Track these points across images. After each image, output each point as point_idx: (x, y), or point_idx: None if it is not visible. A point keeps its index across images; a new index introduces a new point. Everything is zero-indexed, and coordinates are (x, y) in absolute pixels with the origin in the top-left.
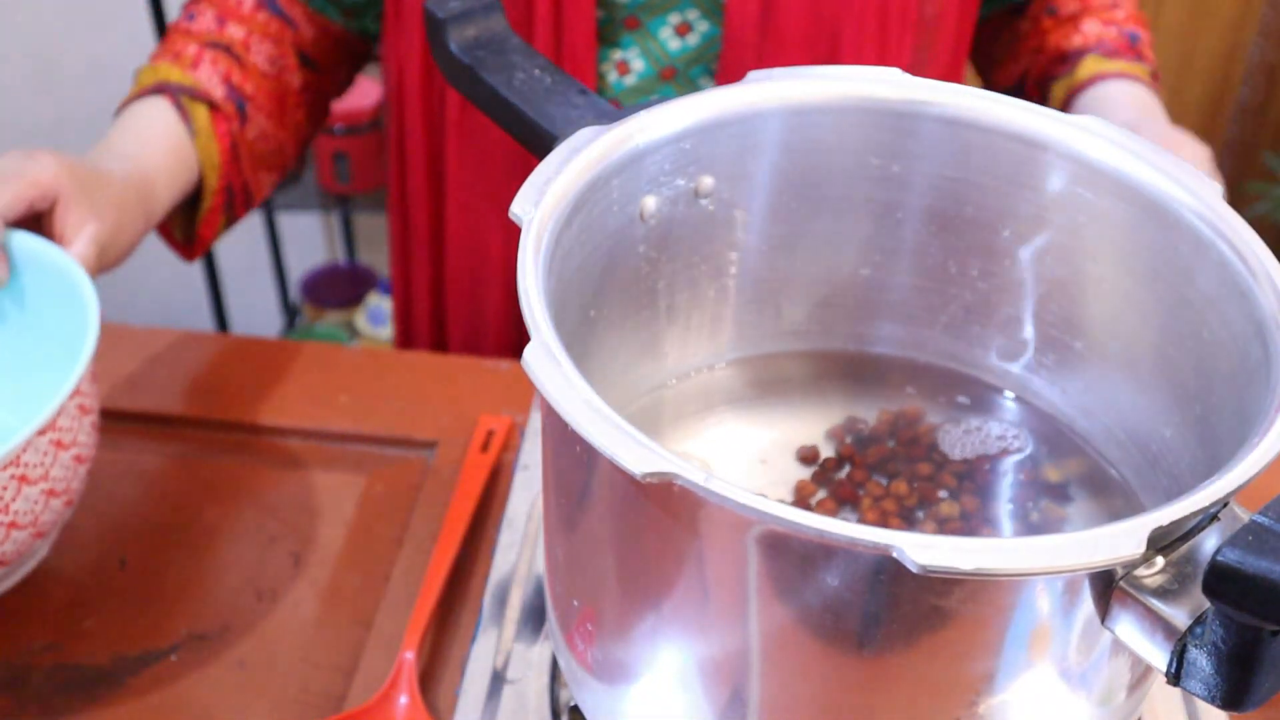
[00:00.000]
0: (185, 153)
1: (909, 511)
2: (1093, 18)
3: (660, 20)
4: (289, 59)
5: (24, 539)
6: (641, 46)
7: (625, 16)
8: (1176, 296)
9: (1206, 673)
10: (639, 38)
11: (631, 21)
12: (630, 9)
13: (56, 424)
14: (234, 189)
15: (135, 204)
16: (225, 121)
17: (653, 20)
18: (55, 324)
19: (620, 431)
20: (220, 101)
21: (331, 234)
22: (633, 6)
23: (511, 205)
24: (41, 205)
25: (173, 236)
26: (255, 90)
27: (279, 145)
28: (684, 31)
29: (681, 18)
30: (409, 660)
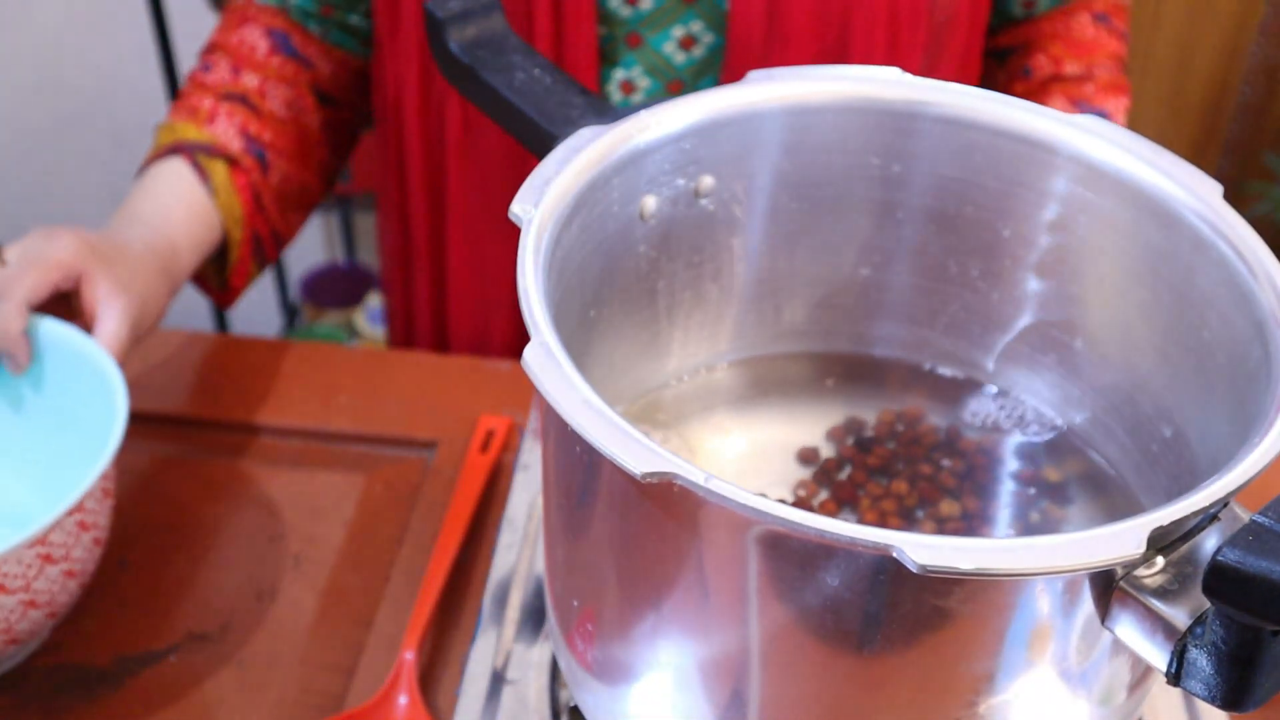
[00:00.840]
0: (206, 212)
1: (909, 511)
2: (1060, 92)
3: (664, 35)
4: (306, 100)
5: (39, 618)
6: (645, 64)
7: (627, 34)
8: (1176, 296)
9: (1206, 673)
10: (642, 55)
11: (634, 39)
12: (633, 25)
13: (84, 506)
14: (261, 236)
15: (158, 271)
16: (245, 174)
17: (656, 35)
18: (82, 409)
19: (620, 431)
20: (238, 155)
21: (331, 234)
22: (635, 22)
23: (511, 205)
24: (66, 286)
25: (208, 285)
26: (274, 137)
27: (303, 185)
28: (689, 45)
29: (685, 30)
30: (409, 660)
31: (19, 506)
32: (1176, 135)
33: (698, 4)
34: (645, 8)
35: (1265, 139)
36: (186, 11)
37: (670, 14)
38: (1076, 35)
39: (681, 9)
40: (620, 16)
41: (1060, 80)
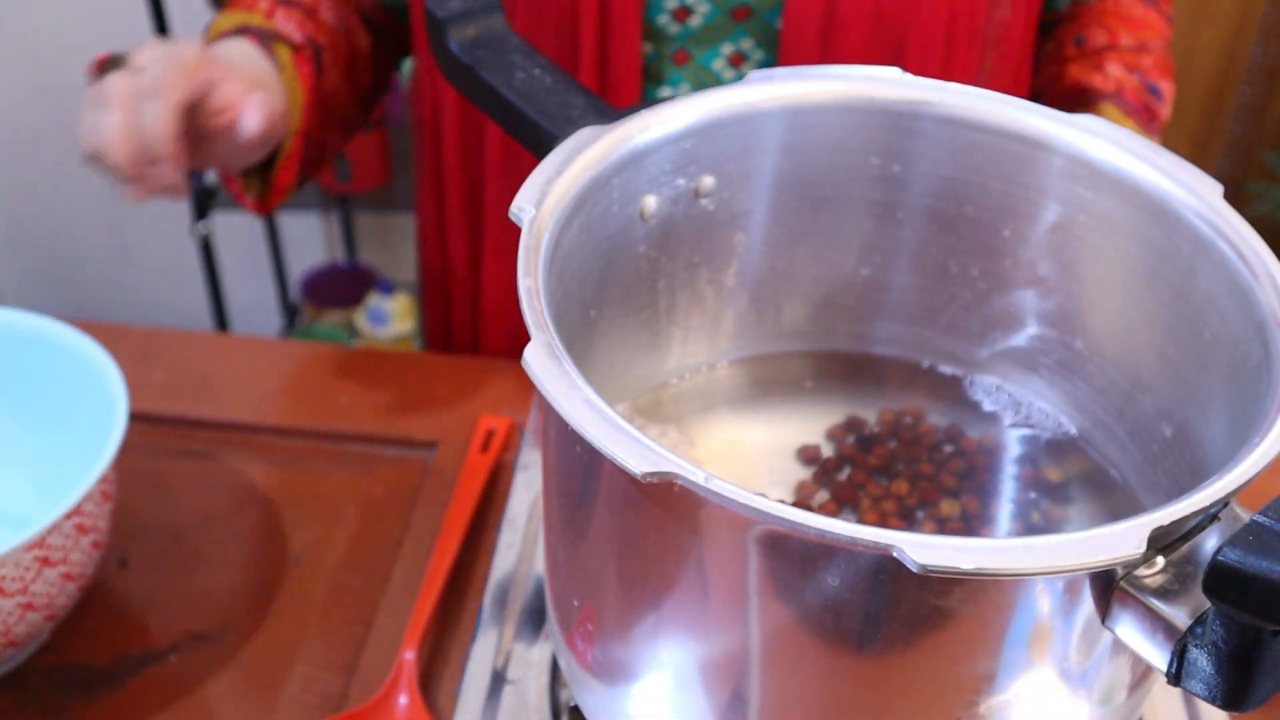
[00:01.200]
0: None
1: (909, 511)
2: (1117, 60)
3: (713, 51)
4: (354, 20)
5: (37, 621)
6: (693, 81)
7: (675, 51)
8: (1177, 296)
9: (1207, 673)
10: (689, 72)
11: (681, 56)
12: (681, 42)
13: (82, 509)
14: (312, 138)
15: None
16: (306, 64)
17: (704, 53)
18: (81, 410)
19: (620, 431)
20: (300, 45)
21: (331, 234)
22: (683, 39)
23: (511, 205)
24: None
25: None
26: (329, 42)
27: (346, 104)
28: (738, 62)
29: (735, 47)
30: (409, 660)
31: (19, 507)
32: (1177, 135)
33: (749, 21)
34: (695, 25)
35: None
36: (186, 12)
37: (720, 31)
38: (1126, 12)
39: (732, 26)
40: (668, 33)
41: (1116, 49)
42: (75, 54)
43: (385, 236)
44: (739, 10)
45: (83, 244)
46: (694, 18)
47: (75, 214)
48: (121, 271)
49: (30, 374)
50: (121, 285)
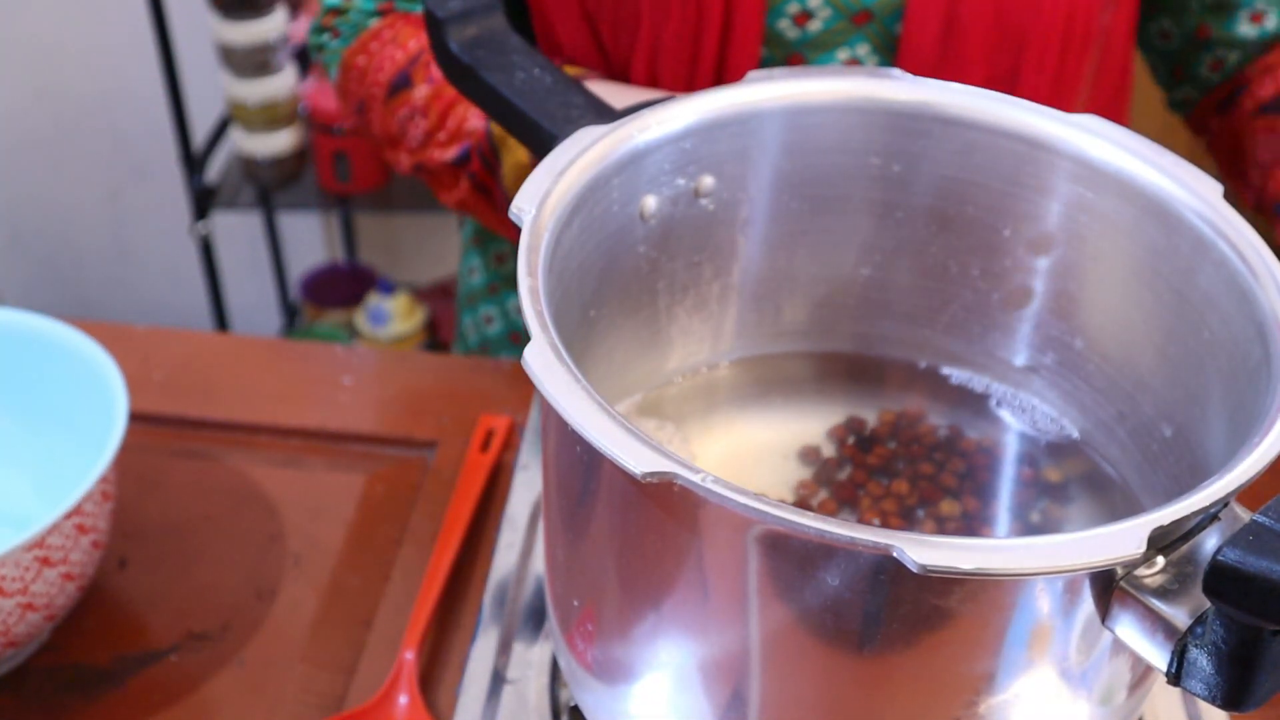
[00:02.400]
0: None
1: (909, 511)
2: None
3: (828, 57)
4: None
5: (37, 621)
6: None
7: (789, 55)
8: (1177, 296)
9: (1207, 672)
10: None
11: (795, 59)
12: (797, 46)
13: (82, 509)
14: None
15: None
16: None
17: (819, 57)
18: (81, 410)
19: (621, 431)
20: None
21: (331, 234)
22: (800, 44)
23: (511, 205)
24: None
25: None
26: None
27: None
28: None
29: (851, 53)
30: (409, 660)
31: (19, 507)
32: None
33: (867, 26)
34: (814, 30)
35: None
36: (186, 12)
37: (839, 36)
38: None
39: (851, 31)
40: (786, 38)
41: None
42: (76, 57)
43: (385, 236)
44: (859, 15)
45: (83, 244)
46: (814, 23)
47: (75, 214)
48: (121, 271)
49: (30, 374)
50: (121, 285)
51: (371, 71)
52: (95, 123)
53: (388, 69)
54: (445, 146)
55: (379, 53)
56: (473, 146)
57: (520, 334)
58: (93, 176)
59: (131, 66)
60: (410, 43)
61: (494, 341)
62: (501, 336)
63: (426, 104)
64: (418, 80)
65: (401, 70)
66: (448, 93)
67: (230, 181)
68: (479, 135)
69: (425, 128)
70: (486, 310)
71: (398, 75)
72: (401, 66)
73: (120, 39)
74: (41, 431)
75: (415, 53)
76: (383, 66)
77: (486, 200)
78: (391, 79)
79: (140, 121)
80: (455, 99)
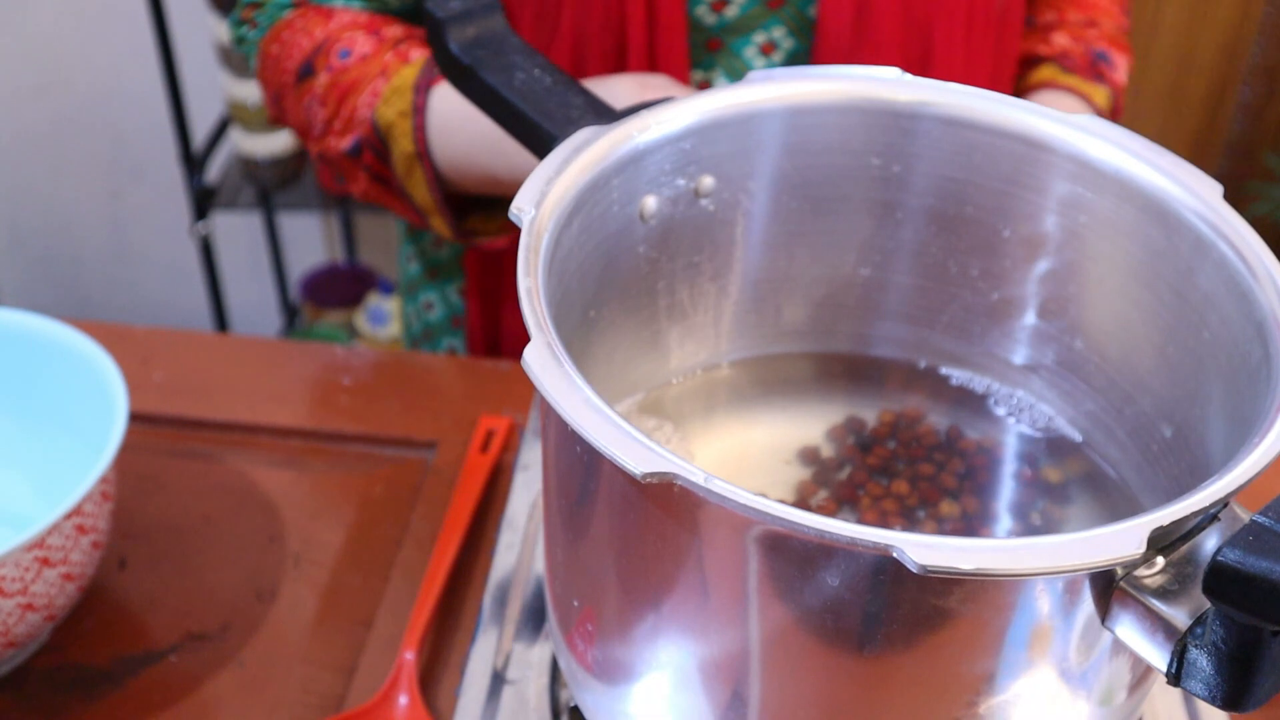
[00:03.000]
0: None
1: (909, 512)
2: (1064, 31)
3: (744, 40)
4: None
5: (37, 621)
6: (725, 66)
7: (708, 39)
8: (1176, 296)
9: (1207, 673)
10: (721, 58)
11: (714, 43)
12: (715, 30)
13: (82, 509)
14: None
15: None
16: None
17: (736, 40)
18: (81, 410)
19: (620, 431)
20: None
21: (331, 234)
22: (718, 28)
23: (511, 205)
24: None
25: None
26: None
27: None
28: (769, 50)
29: (767, 36)
30: (409, 660)
31: (18, 508)
32: (1176, 135)
33: (782, 10)
34: (731, 15)
35: (1265, 139)
36: (186, 11)
37: (756, 20)
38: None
39: (767, 15)
40: (705, 24)
41: (1064, 25)
42: (76, 57)
43: (385, 237)
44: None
45: (82, 244)
46: (730, 8)
47: (75, 214)
48: (121, 272)
49: (30, 374)
50: (121, 286)
51: (283, 60)
52: (95, 123)
53: (295, 57)
54: (340, 136)
55: (290, 41)
56: (362, 138)
57: (460, 318)
58: (93, 177)
59: (131, 66)
60: (316, 30)
61: (436, 327)
62: (443, 322)
63: (325, 92)
64: (319, 68)
65: (307, 58)
66: (343, 80)
67: (230, 182)
68: (366, 126)
69: (324, 116)
70: (426, 296)
71: (303, 63)
72: (307, 54)
73: (120, 39)
74: (41, 432)
75: (320, 40)
76: (291, 54)
77: (386, 190)
78: (298, 66)
79: (140, 121)
80: (350, 87)
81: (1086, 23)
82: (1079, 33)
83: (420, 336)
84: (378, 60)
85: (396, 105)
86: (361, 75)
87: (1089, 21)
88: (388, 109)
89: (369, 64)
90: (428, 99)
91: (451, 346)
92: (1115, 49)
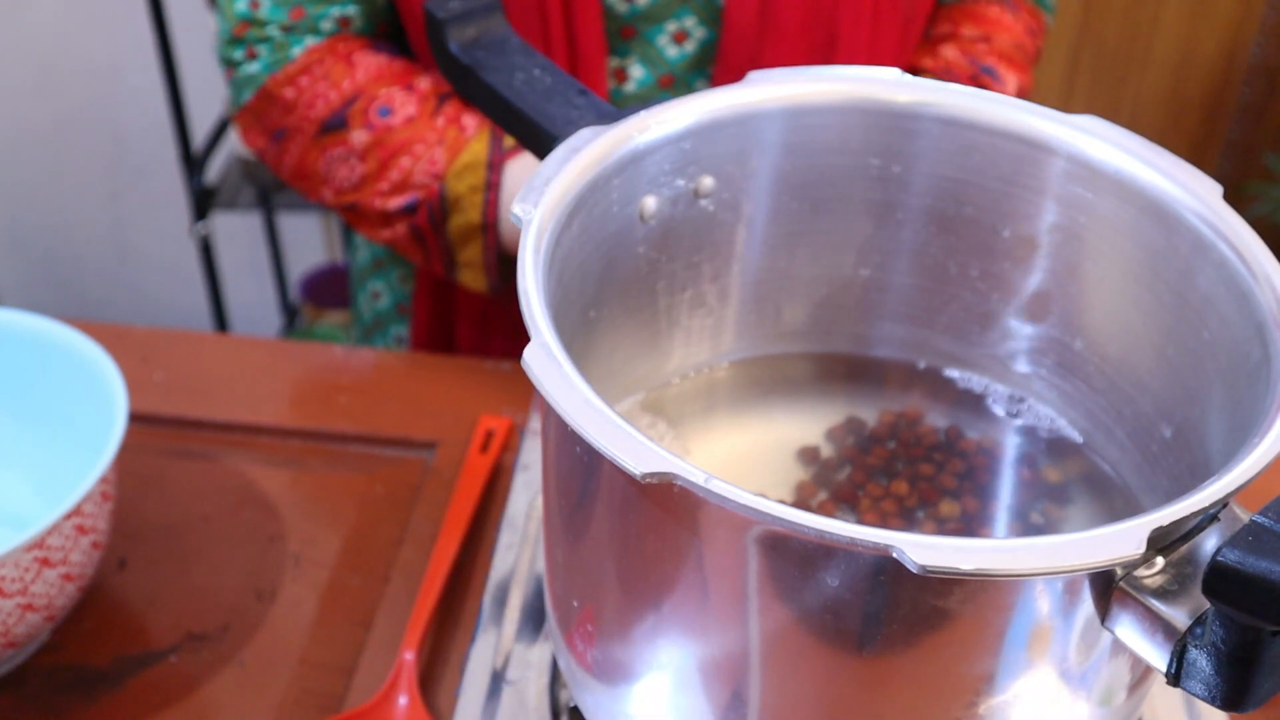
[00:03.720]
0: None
1: (909, 512)
2: (954, 44)
3: (658, 29)
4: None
5: (37, 621)
6: (640, 54)
7: (622, 26)
8: (1176, 297)
9: (1206, 673)
10: (636, 46)
11: (628, 30)
12: (628, 19)
13: (82, 509)
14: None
15: None
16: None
17: (650, 29)
18: (81, 411)
19: (620, 432)
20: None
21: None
22: (630, 16)
23: (511, 206)
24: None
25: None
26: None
27: None
28: (681, 39)
29: (679, 25)
30: (409, 661)
31: (18, 508)
32: (1176, 135)
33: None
34: (642, 3)
35: (1265, 139)
36: (186, 11)
37: (666, 9)
38: (980, 11)
39: (676, 4)
40: (618, 12)
41: (956, 38)
42: (75, 55)
43: None
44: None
45: (82, 245)
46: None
47: (75, 214)
48: (121, 272)
49: (30, 375)
50: (121, 286)
51: (301, 107)
52: (95, 123)
53: (320, 107)
54: (388, 196)
55: (309, 89)
56: (422, 200)
57: (406, 305)
58: (92, 177)
59: (131, 66)
60: (345, 83)
61: (384, 315)
62: (390, 310)
63: (365, 150)
64: (354, 125)
65: (336, 112)
66: (390, 141)
67: (230, 182)
68: (432, 192)
69: (362, 172)
70: (374, 285)
71: (332, 116)
72: (336, 108)
73: (120, 39)
74: (41, 432)
75: (350, 94)
76: (313, 104)
77: (419, 246)
78: (325, 118)
79: (140, 121)
80: (398, 149)
81: (980, 38)
82: (969, 46)
83: (371, 325)
84: (427, 124)
85: (468, 180)
86: (411, 138)
87: (983, 37)
88: (458, 183)
89: (417, 127)
90: (502, 176)
91: (399, 336)
92: (1006, 65)
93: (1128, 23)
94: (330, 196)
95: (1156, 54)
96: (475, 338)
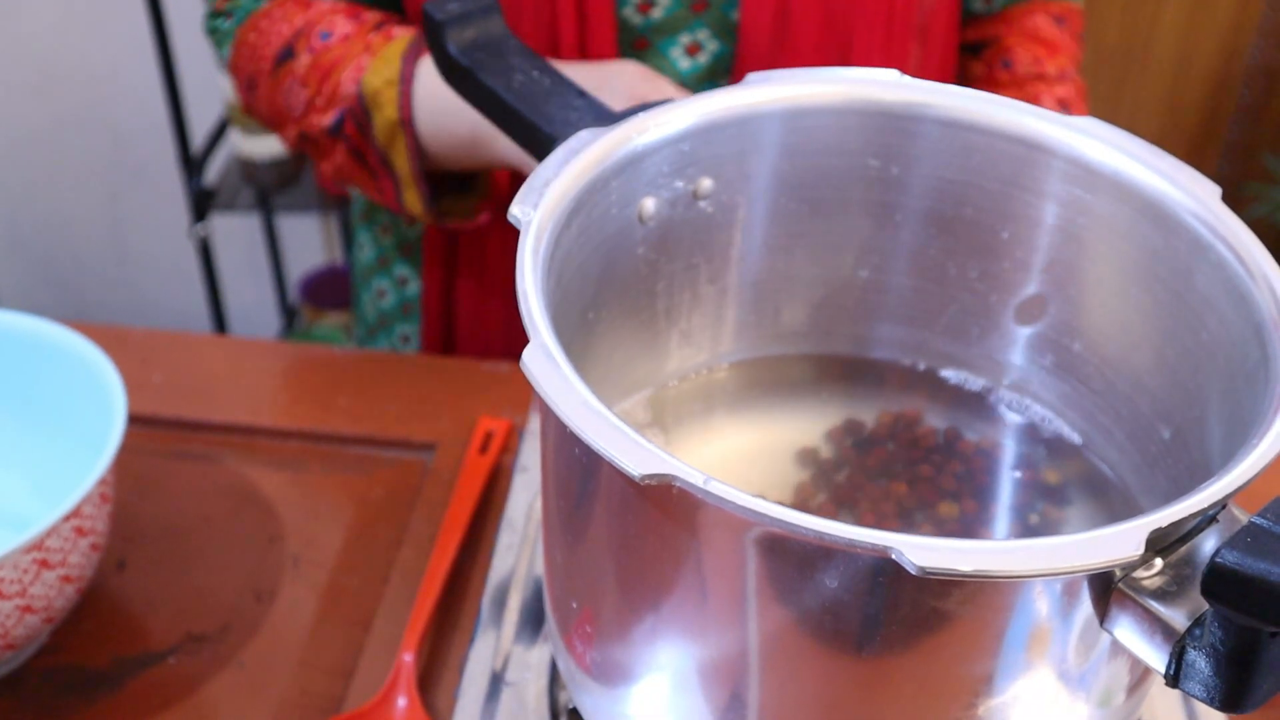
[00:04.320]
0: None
1: (908, 513)
2: (1046, 94)
3: (670, 41)
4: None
5: (35, 623)
6: (652, 66)
7: (635, 39)
8: (1174, 298)
9: (1205, 674)
10: (649, 57)
11: (641, 43)
12: (641, 31)
13: (81, 511)
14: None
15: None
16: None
17: (662, 41)
18: (80, 412)
19: (619, 433)
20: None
21: (331, 235)
22: (644, 29)
23: (511, 207)
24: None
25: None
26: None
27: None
28: (694, 51)
29: (692, 38)
30: (408, 662)
31: (17, 509)
32: (1175, 136)
33: (705, 13)
34: (656, 16)
35: (1264, 140)
36: (185, 13)
37: (680, 21)
38: (1044, 36)
39: (691, 17)
40: (632, 24)
41: (1044, 79)
42: (74, 55)
43: None
44: (698, 3)
45: (81, 246)
46: (656, 10)
47: (74, 216)
48: (120, 274)
49: (29, 376)
50: (120, 287)
51: (260, 46)
52: (94, 124)
53: (274, 43)
54: (323, 112)
55: (268, 29)
56: (346, 110)
57: (411, 305)
58: (92, 178)
59: (131, 67)
60: (296, 18)
61: (389, 314)
62: (395, 309)
63: (306, 73)
64: (299, 50)
65: (287, 43)
66: (325, 59)
67: (229, 183)
68: (351, 99)
69: (305, 96)
70: (379, 284)
71: (283, 48)
72: (286, 39)
73: (119, 40)
74: (40, 434)
75: (300, 26)
76: (270, 41)
77: (361, 165)
78: (277, 52)
79: (140, 122)
80: (333, 65)
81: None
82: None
83: (375, 324)
84: (361, 39)
85: (383, 74)
86: (344, 53)
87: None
88: (374, 77)
89: (351, 43)
90: (415, 69)
91: (405, 334)
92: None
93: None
94: (291, 131)
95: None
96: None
